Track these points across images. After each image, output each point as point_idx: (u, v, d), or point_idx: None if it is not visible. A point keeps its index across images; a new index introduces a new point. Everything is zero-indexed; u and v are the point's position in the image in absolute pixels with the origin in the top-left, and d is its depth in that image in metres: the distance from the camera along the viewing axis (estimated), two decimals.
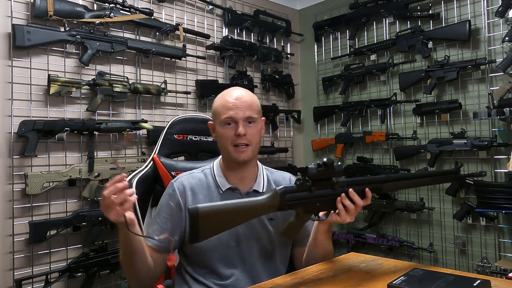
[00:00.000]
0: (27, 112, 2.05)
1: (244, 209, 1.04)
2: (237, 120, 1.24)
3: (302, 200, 1.08)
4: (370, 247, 2.90)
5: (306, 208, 1.10)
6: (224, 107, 1.25)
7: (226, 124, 1.25)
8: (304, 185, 1.09)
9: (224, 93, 1.31)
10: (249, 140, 1.25)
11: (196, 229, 0.96)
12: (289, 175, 1.43)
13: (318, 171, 1.08)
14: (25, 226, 1.99)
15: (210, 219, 0.97)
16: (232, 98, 1.26)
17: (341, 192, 1.12)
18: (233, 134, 1.24)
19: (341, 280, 1.10)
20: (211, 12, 2.90)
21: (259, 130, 1.30)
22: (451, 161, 2.59)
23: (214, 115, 1.31)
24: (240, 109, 1.24)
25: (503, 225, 2.38)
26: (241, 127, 1.23)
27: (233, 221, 1.03)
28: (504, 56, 2.33)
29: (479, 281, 0.96)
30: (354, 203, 1.13)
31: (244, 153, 1.25)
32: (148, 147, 2.45)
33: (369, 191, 1.15)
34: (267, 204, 1.05)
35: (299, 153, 3.48)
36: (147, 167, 1.53)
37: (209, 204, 1.02)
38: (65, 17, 2.14)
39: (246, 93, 1.30)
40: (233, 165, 1.28)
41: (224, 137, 1.25)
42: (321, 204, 1.12)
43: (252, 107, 1.27)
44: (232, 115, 1.24)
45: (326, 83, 3.26)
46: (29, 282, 1.97)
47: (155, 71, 2.55)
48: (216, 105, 1.30)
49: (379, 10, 2.90)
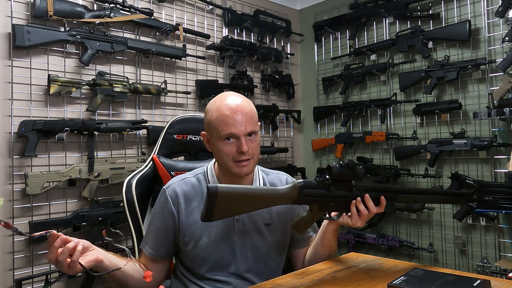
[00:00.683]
0: (27, 112, 2.05)
1: (262, 196, 1.03)
2: (239, 137, 1.16)
3: (319, 197, 1.08)
4: (370, 247, 2.90)
5: (321, 205, 1.10)
6: (224, 122, 1.16)
7: (226, 140, 1.17)
8: (323, 183, 1.08)
9: (219, 104, 1.19)
10: (251, 154, 1.19)
11: (211, 208, 0.96)
12: (286, 175, 1.39)
13: (340, 171, 1.07)
14: (25, 226, 1.99)
15: (227, 201, 0.97)
16: (231, 111, 1.16)
17: (357, 195, 1.11)
18: (235, 151, 1.16)
19: (341, 280, 1.10)
20: (211, 12, 2.90)
21: (259, 140, 1.24)
22: (451, 161, 2.59)
23: (209, 128, 1.21)
24: (241, 125, 1.16)
25: (503, 225, 2.38)
26: (244, 144, 1.15)
27: (248, 206, 1.03)
28: (504, 56, 2.33)
29: (479, 281, 0.96)
30: (368, 208, 1.12)
31: (246, 167, 1.19)
32: (147, 147, 2.45)
33: (384, 199, 1.14)
34: (285, 195, 1.04)
35: (299, 153, 3.48)
36: (146, 167, 1.53)
37: (228, 186, 1.00)
38: (65, 17, 2.14)
39: (243, 102, 1.20)
40: (232, 176, 1.23)
41: (224, 154, 1.18)
42: (335, 204, 1.12)
43: (253, 119, 1.19)
44: (233, 132, 1.15)
45: (326, 83, 3.26)
46: (29, 282, 1.97)
47: (155, 71, 2.55)
48: (212, 118, 1.18)
49: (379, 10, 2.90)
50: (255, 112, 1.23)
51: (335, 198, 1.10)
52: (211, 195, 0.95)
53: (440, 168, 2.66)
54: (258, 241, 1.26)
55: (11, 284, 1.96)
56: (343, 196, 1.11)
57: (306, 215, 1.12)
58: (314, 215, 1.12)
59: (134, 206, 1.42)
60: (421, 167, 2.71)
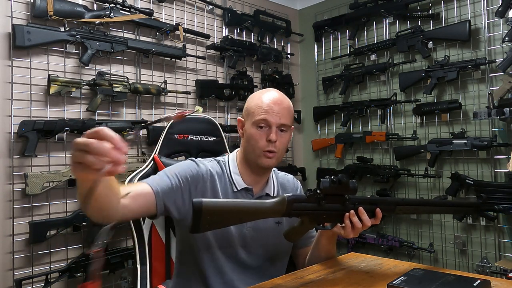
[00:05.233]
0: (27, 112, 2.05)
1: (249, 210, 1.03)
2: (271, 125, 1.21)
3: (309, 211, 1.06)
4: (370, 247, 2.90)
5: (312, 218, 1.08)
6: (260, 108, 1.21)
7: (259, 127, 1.21)
8: (313, 197, 1.06)
9: (261, 93, 1.27)
10: (278, 148, 1.22)
11: (197, 222, 0.96)
12: (292, 177, 1.43)
13: (331, 186, 1.05)
14: (25, 226, 1.99)
15: (212, 215, 0.97)
16: (270, 100, 1.22)
17: (351, 209, 1.09)
18: (264, 139, 1.20)
19: (341, 280, 1.10)
20: (211, 12, 2.90)
21: (288, 139, 1.27)
22: (451, 161, 2.59)
23: (246, 113, 1.27)
24: (276, 114, 1.21)
25: (503, 225, 2.38)
26: (273, 133, 1.20)
27: (235, 219, 1.03)
28: (504, 56, 2.33)
29: (479, 281, 0.96)
30: (362, 221, 1.09)
31: (270, 159, 1.22)
32: (148, 147, 2.45)
33: (380, 211, 1.12)
34: (273, 209, 1.04)
35: (299, 153, 3.48)
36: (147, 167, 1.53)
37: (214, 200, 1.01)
38: (65, 17, 2.13)
39: (284, 98, 1.26)
40: (254, 167, 1.26)
41: (253, 139, 1.22)
42: (328, 216, 1.10)
43: (289, 114, 1.24)
44: (267, 118, 1.20)
45: (326, 83, 3.26)
46: (29, 282, 1.97)
47: (155, 71, 2.55)
48: (251, 103, 1.26)
49: (379, 10, 2.90)
50: (292, 111, 1.28)
51: (326, 211, 1.08)
52: (195, 210, 0.95)
53: (440, 168, 2.66)
54: (269, 238, 1.26)
55: (11, 284, 1.96)
56: (335, 210, 1.09)
57: (298, 225, 1.11)
58: (306, 226, 1.10)
59: None
60: (421, 167, 2.71)
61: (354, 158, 3.06)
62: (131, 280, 2.24)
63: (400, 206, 1.15)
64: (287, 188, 1.38)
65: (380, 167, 2.86)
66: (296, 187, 1.42)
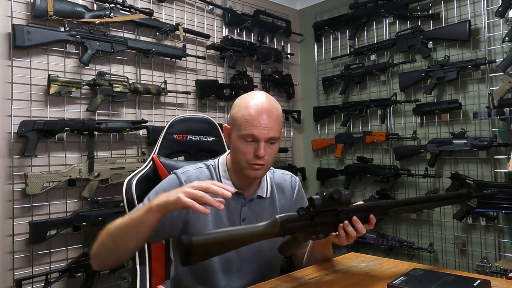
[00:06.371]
0: (27, 112, 2.05)
1: (241, 237, 0.99)
2: (259, 140, 1.14)
3: (303, 228, 1.04)
4: (370, 247, 2.90)
5: (306, 233, 1.06)
6: (248, 122, 1.14)
7: (246, 139, 1.15)
8: (306, 215, 1.03)
9: (247, 99, 1.18)
10: (266, 160, 1.17)
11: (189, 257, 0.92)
12: (290, 175, 1.40)
13: (324, 203, 1.02)
14: (25, 226, 1.99)
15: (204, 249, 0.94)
16: (257, 112, 1.14)
17: (344, 219, 1.07)
18: (252, 153, 1.15)
19: (341, 280, 1.10)
20: (211, 12, 2.90)
21: (277, 148, 1.21)
22: (451, 161, 2.59)
23: (233, 123, 1.19)
24: (264, 128, 1.14)
25: (503, 225, 2.38)
26: (262, 149, 1.14)
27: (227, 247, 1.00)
28: (504, 56, 2.33)
29: (479, 281, 0.96)
30: (356, 230, 1.08)
31: (258, 171, 1.18)
32: (147, 147, 2.45)
33: (374, 217, 1.11)
34: (266, 232, 1.01)
35: (299, 153, 3.48)
36: (146, 167, 1.53)
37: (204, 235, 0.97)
38: (65, 17, 2.14)
39: (272, 106, 1.18)
40: (241, 176, 1.22)
41: (240, 153, 1.16)
42: (322, 229, 1.08)
43: (278, 125, 1.18)
44: (254, 134, 1.14)
45: (326, 83, 3.26)
46: (29, 282, 1.97)
47: (155, 71, 2.55)
48: (237, 114, 1.17)
49: (379, 10, 2.90)
50: (281, 119, 1.22)
51: (320, 225, 1.06)
52: (186, 247, 0.91)
53: (440, 168, 2.66)
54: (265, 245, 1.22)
55: (11, 284, 1.96)
56: (329, 222, 1.07)
57: (292, 240, 1.08)
58: (301, 240, 1.08)
59: (134, 206, 1.41)
60: (421, 167, 2.71)
61: (354, 158, 3.06)
62: (130, 280, 2.24)
63: (393, 208, 1.15)
64: (284, 189, 1.35)
65: (380, 167, 2.86)
66: (294, 186, 1.38)
